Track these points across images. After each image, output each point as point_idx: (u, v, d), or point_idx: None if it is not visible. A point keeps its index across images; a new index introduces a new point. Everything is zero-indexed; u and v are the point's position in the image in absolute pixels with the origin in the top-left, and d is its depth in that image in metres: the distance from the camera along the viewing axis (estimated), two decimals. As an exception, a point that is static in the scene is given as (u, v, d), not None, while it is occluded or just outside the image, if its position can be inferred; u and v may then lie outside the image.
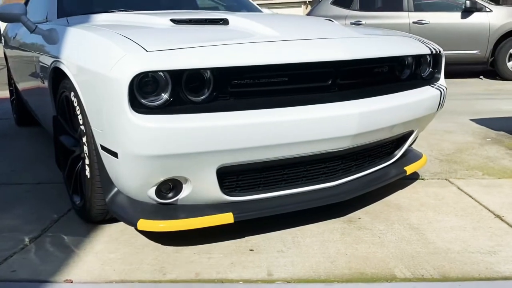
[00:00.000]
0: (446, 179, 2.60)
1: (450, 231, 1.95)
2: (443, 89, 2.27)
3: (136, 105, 1.52)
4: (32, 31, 2.72)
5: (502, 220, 2.05)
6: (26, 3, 3.90)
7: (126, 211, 1.75)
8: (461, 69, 7.94)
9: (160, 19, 2.02)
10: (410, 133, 2.25)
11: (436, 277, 1.60)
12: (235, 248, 1.84)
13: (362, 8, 7.30)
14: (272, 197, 1.85)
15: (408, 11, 7.06)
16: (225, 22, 2.00)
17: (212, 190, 1.71)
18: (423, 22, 6.96)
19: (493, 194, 2.35)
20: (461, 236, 1.90)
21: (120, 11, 2.58)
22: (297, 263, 1.71)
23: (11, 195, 2.51)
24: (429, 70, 2.31)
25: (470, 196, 2.33)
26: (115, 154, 1.63)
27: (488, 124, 3.99)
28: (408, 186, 2.48)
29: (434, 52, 2.22)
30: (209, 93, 1.62)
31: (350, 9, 7.34)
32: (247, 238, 1.92)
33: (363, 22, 7.20)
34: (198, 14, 2.20)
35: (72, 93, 1.90)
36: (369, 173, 2.14)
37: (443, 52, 2.32)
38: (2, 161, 3.21)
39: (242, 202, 1.80)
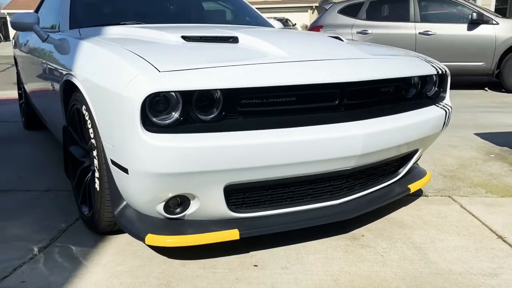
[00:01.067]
0: (449, 196, 2.62)
1: (452, 251, 1.98)
2: (448, 109, 2.30)
3: (148, 124, 1.56)
4: (44, 40, 2.77)
5: (504, 241, 2.07)
6: (37, 8, 3.95)
7: (134, 225, 1.79)
8: (466, 80, 7.95)
9: (171, 36, 2.06)
10: (414, 152, 2.28)
11: (437, 299, 1.63)
12: (239, 263, 1.87)
13: (368, 18, 7.34)
14: (277, 214, 1.88)
15: (415, 21, 7.09)
16: (234, 40, 2.04)
17: (218, 207, 1.75)
18: (430, 33, 6.98)
19: (496, 214, 2.37)
20: (463, 256, 1.93)
21: (132, 23, 2.62)
22: (300, 280, 1.74)
23: (20, 203, 2.55)
24: (434, 89, 2.33)
25: (473, 215, 2.35)
26: (125, 170, 1.66)
27: (492, 139, 4.01)
28: (412, 203, 2.51)
29: (440, 72, 2.25)
30: (218, 112, 1.65)
31: (357, 18, 7.38)
32: (251, 253, 1.95)
33: (369, 31, 7.24)
34: (209, 31, 2.23)
35: (84, 107, 1.94)
36: (373, 191, 2.16)
37: (448, 72, 2.35)
38: (10, 167, 3.26)
39: (248, 219, 1.83)
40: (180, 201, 1.75)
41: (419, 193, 2.65)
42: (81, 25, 2.64)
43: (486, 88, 7.33)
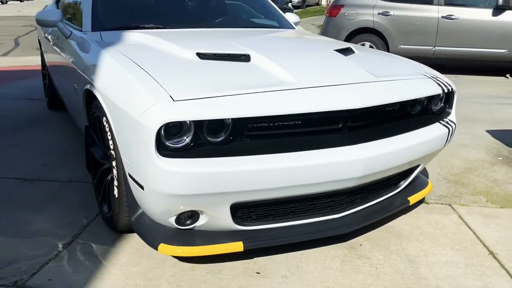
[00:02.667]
0: (449, 205, 2.73)
1: (443, 266, 2.11)
2: (452, 126, 2.37)
3: (162, 148, 1.70)
4: (67, 38, 2.90)
5: (494, 257, 2.19)
6: (57, 1, 4.05)
7: (149, 233, 1.96)
8: (487, 66, 7.81)
9: (186, 52, 2.16)
10: (416, 167, 2.38)
11: (421, 316, 1.78)
12: (243, 269, 2.04)
13: (391, -1, 7.20)
14: (279, 227, 2.03)
15: (438, 4, 6.95)
16: (246, 58, 2.14)
17: (225, 221, 1.90)
18: (453, 17, 6.85)
19: (491, 227, 2.48)
20: (453, 273, 2.06)
21: (151, 27, 2.73)
22: (298, 291, 1.91)
23: (45, 193, 2.75)
24: (440, 105, 2.40)
25: (469, 227, 2.46)
26: (141, 186, 1.82)
27: (504, 138, 4.04)
28: (412, 211, 2.62)
29: (446, 91, 2.31)
30: (226, 135, 1.78)
31: (379, -1, 7.25)
32: (255, 259, 2.12)
33: (391, 13, 7.13)
34: (223, 46, 2.32)
35: (104, 118, 2.09)
36: (374, 204, 2.29)
37: (455, 89, 2.40)
38: (36, 152, 3.45)
39: (252, 231, 1.99)
40: (191, 215, 1.91)
41: (420, 200, 2.76)
42: (102, 27, 2.75)
43: (508, 75, 7.22)
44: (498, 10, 6.64)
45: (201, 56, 2.14)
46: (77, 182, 2.92)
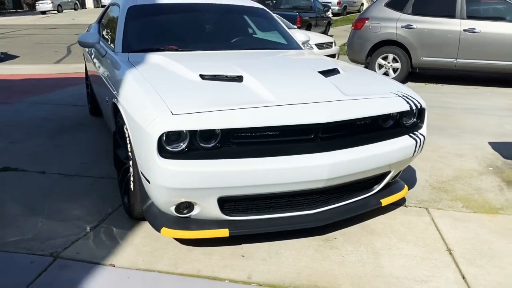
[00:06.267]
0: (426, 208, 3.05)
1: (402, 258, 2.47)
2: (420, 138, 2.71)
3: (163, 151, 2.17)
4: (103, 56, 3.47)
5: (450, 253, 2.52)
6: (100, 19, 4.67)
7: (155, 219, 2.45)
8: (510, 78, 7.87)
9: (192, 73, 2.64)
10: (387, 173, 2.73)
11: (369, 295, 2.16)
12: (231, 252, 2.48)
13: (414, 12, 7.46)
14: (261, 219, 2.46)
15: (461, 18, 7.13)
16: (240, 79, 2.58)
17: (214, 211, 2.36)
18: (475, 30, 7.02)
19: (458, 228, 2.79)
20: (408, 264, 2.41)
21: (170, 49, 3.24)
22: (272, 271, 2.33)
23: (81, 187, 3.31)
24: (413, 120, 2.75)
25: (437, 228, 2.79)
26: (148, 181, 2.31)
27: (503, 150, 4.27)
28: (390, 212, 2.98)
29: (414, 108, 2.67)
30: (216, 142, 2.23)
31: (403, 12, 7.53)
32: (242, 245, 2.55)
33: (414, 26, 7.38)
34: (223, 68, 2.77)
35: (125, 126, 2.60)
36: (348, 203, 2.67)
37: (425, 106, 2.75)
38: (77, 152, 4.05)
39: (237, 221, 2.43)
40: (187, 205, 2.37)
41: (401, 203, 3.11)
42: (131, 49, 3.28)
43: (531, 88, 7.28)
44: (520, 23, 6.75)
45: (203, 77, 2.61)
46: (107, 178, 3.47)
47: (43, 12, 31.26)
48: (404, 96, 2.70)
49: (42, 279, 2.21)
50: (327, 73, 2.80)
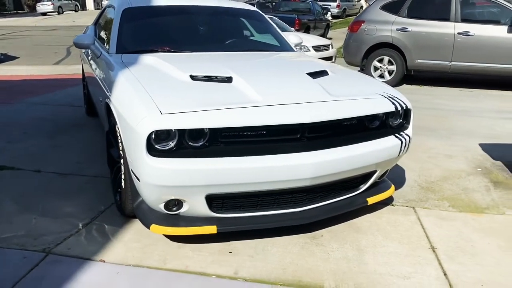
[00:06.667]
0: (412, 207, 3.11)
1: (386, 255, 2.52)
2: (406, 138, 2.77)
3: (152, 149, 2.23)
4: (98, 57, 3.53)
5: (433, 251, 2.58)
6: (96, 20, 4.74)
7: (144, 216, 2.51)
8: (507, 81, 7.92)
9: (182, 74, 2.70)
10: (373, 172, 2.79)
11: (352, 291, 2.21)
12: (219, 249, 2.54)
13: (409, 15, 7.53)
14: (248, 216, 2.52)
15: (455, 21, 7.20)
16: (229, 80, 2.65)
17: (203, 209, 2.42)
18: (469, 33, 7.09)
19: (443, 227, 2.85)
20: (392, 261, 2.47)
21: (163, 50, 3.31)
22: (258, 267, 2.39)
23: (75, 185, 3.37)
24: (399, 120, 2.81)
25: (422, 226, 2.85)
26: (138, 179, 2.37)
27: (492, 151, 4.33)
28: (377, 211, 3.04)
29: (400, 109, 2.73)
30: (204, 141, 2.30)
31: (398, 15, 7.60)
32: (231, 242, 2.61)
33: (409, 29, 7.44)
34: (213, 69, 2.83)
35: (117, 126, 2.66)
36: (334, 201, 2.73)
37: (410, 107, 2.81)
38: (72, 152, 4.11)
39: (226, 218, 2.49)
40: (176, 202, 2.43)
41: (389, 202, 3.16)
42: (124, 50, 3.35)
43: (525, 90, 7.35)
44: (513, 27, 6.83)
45: (193, 77, 2.67)
46: (101, 177, 3.53)
47: (44, 14, 31.40)
48: (390, 97, 2.76)
49: (34, 274, 2.27)
50: (315, 74, 2.86)
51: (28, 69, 9.32)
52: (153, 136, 2.22)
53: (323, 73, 2.96)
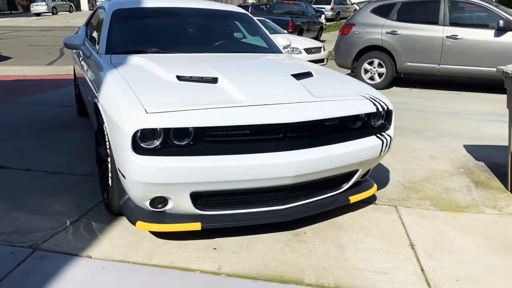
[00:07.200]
0: (395, 206, 3.19)
1: (366, 252, 2.59)
2: (387, 138, 2.85)
3: (137, 148, 2.29)
4: (88, 57, 3.59)
5: (412, 248, 2.65)
6: (88, 21, 4.79)
7: (131, 213, 2.56)
8: (495, 84, 8.03)
9: (169, 75, 2.76)
10: (355, 171, 2.87)
11: (331, 285, 2.28)
12: (204, 245, 2.60)
13: (399, 19, 7.64)
14: (233, 213, 2.58)
15: (443, 25, 7.32)
16: (214, 80, 2.71)
17: (187, 206, 2.48)
18: (457, 37, 7.20)
19: (423, 225, 2.93)
20: (372, 257, 2.54)
21: (152, 51, 3.37)
22: (241, 262, 2.45)
23: (64, 184, 3.42)
24: (381, 121, 2.89)
25: (403, 224, 2.92)
26: (124, 176, 2.42)
27: (476, 152, 4.42)
28: (359, 210, 3.11)
29: (381, 110, 2.80)
30: (189, 140, 2.36)
31: (388, 19, 7.71)
32: (216, 239, 2.67)
33: (398, 32, 7.55)
34: (200, 70, 2.89)
35: (104, 125, 2.71)
36: (317, 199, 2.80)
37: (392, 108, 2.88)
38: (63, 151, 4.16)
39: (210, 215, 2.55)
40: (162, 200, 2.49)
41: (371, 201, 3.24)
42: (114, 51, 3.40)
43: None
44: (499, 31, 6.95)
45: (180, 78, 2.73)
46: (90, 176, 3.58)
47: (38, 14, 31.34)
48: (371, 98, 2.84)
49: (21, 268, 2.32)
50: (299, 76, 2.93)
51: (21, 69, 9.35)
52: (138, 134, 2.28)
53: (307, 74, 3.03)
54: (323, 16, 23.27)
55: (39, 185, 3.40)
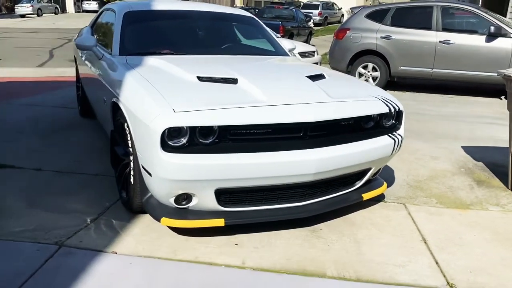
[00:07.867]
0: (403, 204, 3.30)
1: (381, 246, 2.70)
2: (398, 138, 2.96)
3: (165, 146, 2.36)
4: (99, 59, 3.63)
5: (425, 243, 2.76)
6: (93, 23, 4.82)
7: (154, 210, 2.62)
8: (486, 87, 8.28)
9: (189, 75, 2.84)
10: (368, 169, 2.97)
11: (352, 278, 2.37)
12: (226, 241, 2.67)
13: (393, 24, 7.82)
14: (254, 210, 2.66)
15: (436, 30, 7.52)
16: (234, 81, 2.79)
17: (211, 203, 2.55)
18: (449, 42, 7.41)
19: (432, 221, 3.05)
20: (387, 252, 2.64)
21: (166, 53, 3.43)
22: (264, 257, 2.53)
23: (77, 183, 3.45)
24: (392, 121, 3.00)
25: (413, 221, 3.04)
26: (149, 174, 2.48)
27: (474, 153, 4.57)
28: (370, 207, 3.21)
29: (393, 110, 2.92)
30: (214, 138, 2.43)
31: (382, 24, 7.88)
32: (236, 235, 2.75)
33: (392, 37, 7.73)
34: (219, 71, 2.97)
35: (126, 124, 2.77)
36: (332, 197, 2.90)
37: (403, 109, 3.00)
38: (70, 151, 4.18)
39: (233, 212, 2.62)
40: (186, 197, 2.56)
41: (380, 199, 3.35)
42: (128, 52, 3.46)
43: (502, 97, 7.69)
44: (490, 37, 7.18)
45: (200, 78, 2.81)
46: (102, 175, 3.61)
47: (23, 16, 30.93)
48: (383, 99, 2.95)
49: (49, 264, 2.36)
50: (314, 77, 3.03)
51: (11, 71, 9.25)
52: (166, 132, 2.34)
53: (320, 76, 3.13)
54: (311, 20, 23.53)
55: (52, 184, 3.42)
